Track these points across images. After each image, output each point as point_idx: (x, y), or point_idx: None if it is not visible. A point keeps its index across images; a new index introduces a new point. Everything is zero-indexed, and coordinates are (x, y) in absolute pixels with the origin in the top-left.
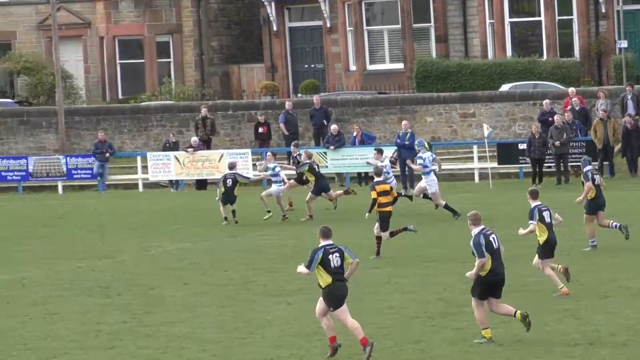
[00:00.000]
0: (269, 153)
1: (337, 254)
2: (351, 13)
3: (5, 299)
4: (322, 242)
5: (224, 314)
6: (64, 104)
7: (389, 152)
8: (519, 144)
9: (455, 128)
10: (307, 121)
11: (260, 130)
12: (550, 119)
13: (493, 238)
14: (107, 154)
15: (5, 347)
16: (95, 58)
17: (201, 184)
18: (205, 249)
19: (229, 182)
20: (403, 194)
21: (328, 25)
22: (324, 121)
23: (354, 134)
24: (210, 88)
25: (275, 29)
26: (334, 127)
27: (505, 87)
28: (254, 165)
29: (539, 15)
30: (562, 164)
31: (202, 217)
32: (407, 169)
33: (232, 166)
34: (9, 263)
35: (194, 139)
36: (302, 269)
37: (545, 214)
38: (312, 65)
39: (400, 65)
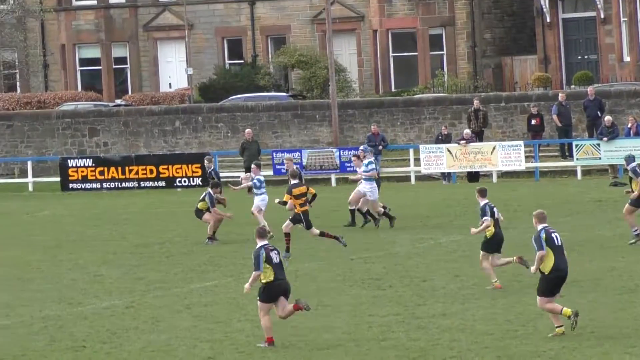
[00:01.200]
0: (253, 166)
1: (276, 252)
2: (625, 3)
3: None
4: (260, 242)
5: (495, 306)
6: (337, 97)
7: None
8: None
9: None
10: (580, 112)
11: (533, 122)
12: None
13: (555, 236)
14: (380, 147)
15: (279, 338)
16: (368, 51)
17: (473, 177)
18: (476, 241)
19: None
20: None
21: (602, 16)
22: (598, 112)
23: (629, 125)
24: (483, 80)
25: (548, 20)
26: (607, 119)
27: None
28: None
29: None
30: None
31: (472, 209)
32: None
33: None
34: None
35: (467, 131)
36: (252, 276)
37: (495, 210)
38: (586, 57)
39: None
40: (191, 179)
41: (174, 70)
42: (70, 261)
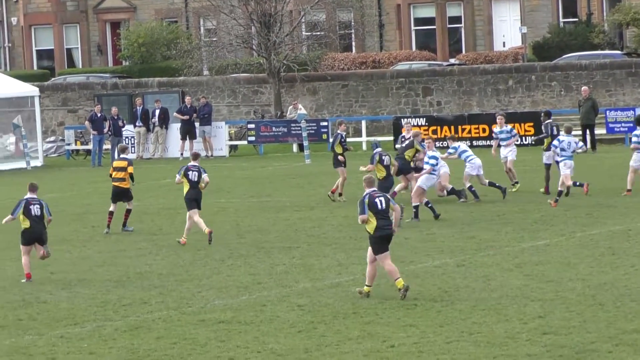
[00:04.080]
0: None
1: (383, 198)
2: None
3: (610, 250)
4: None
5: None
6: None
7: None
8: None
9: None
10: None
11: None
12: None
13: (380, 200)
14: None
15: (610, 298)
16: None
17: None
18: None
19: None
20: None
21: None
22: None
23: None
24: None
25: None
26: None
27: None
28: None
29: None
30: None
31: None
32: None
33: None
34: (616, 215)
35: None
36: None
37: (191, 174)
38: None
39: None
40: (524, 138)
41: (508, 29)
42: (403, 220)
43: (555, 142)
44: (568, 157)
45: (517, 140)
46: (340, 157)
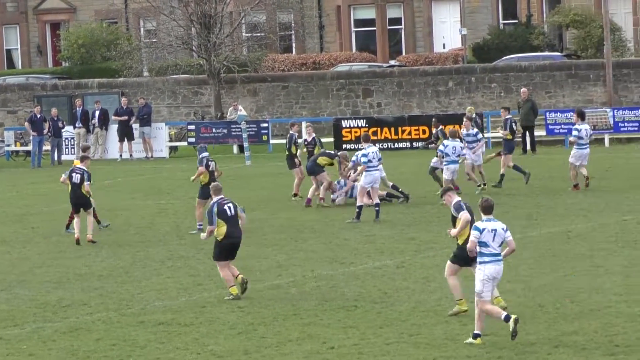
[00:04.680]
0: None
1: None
2: None
3: (550, 251)
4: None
5: None
6: (612, 56)
7: None
8: None
9: None
10: None
11: None
12: None
13: (228, 207)
14: None
15: (549, 300)
16: None
17: None
18: None
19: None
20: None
21: None
22: None
23: None
24: None
25: None
26: None
27: None
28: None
29: None
30: None
31: None
32: None
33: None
34: (556, 216)
35: None
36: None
37: (75, 176)
38: None
39: None
40: None
41: (448, 30)
42: (342, 221)
43: (440, 148)
44: (452, 162)
45: (483, 145)
46: (295, 160)
